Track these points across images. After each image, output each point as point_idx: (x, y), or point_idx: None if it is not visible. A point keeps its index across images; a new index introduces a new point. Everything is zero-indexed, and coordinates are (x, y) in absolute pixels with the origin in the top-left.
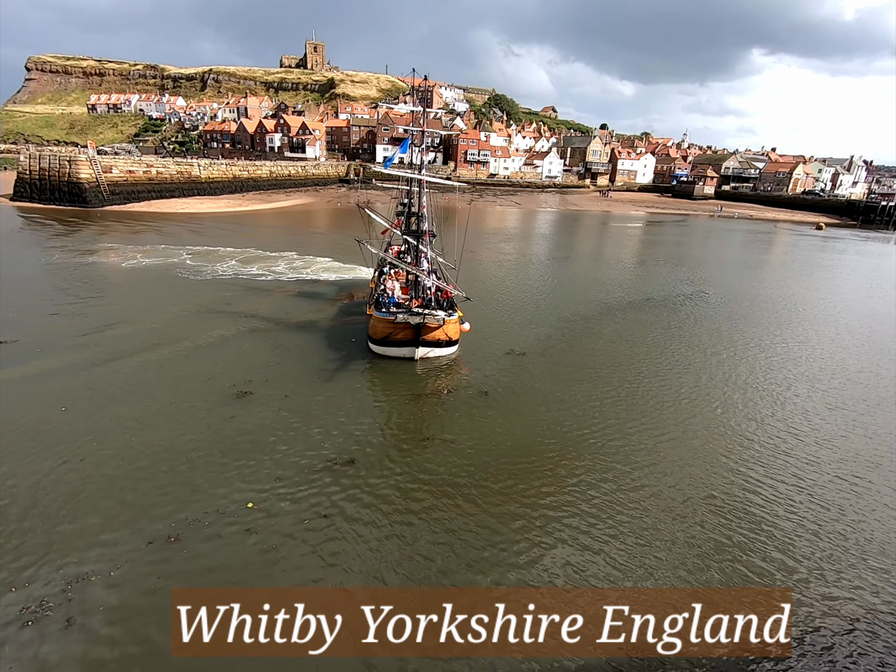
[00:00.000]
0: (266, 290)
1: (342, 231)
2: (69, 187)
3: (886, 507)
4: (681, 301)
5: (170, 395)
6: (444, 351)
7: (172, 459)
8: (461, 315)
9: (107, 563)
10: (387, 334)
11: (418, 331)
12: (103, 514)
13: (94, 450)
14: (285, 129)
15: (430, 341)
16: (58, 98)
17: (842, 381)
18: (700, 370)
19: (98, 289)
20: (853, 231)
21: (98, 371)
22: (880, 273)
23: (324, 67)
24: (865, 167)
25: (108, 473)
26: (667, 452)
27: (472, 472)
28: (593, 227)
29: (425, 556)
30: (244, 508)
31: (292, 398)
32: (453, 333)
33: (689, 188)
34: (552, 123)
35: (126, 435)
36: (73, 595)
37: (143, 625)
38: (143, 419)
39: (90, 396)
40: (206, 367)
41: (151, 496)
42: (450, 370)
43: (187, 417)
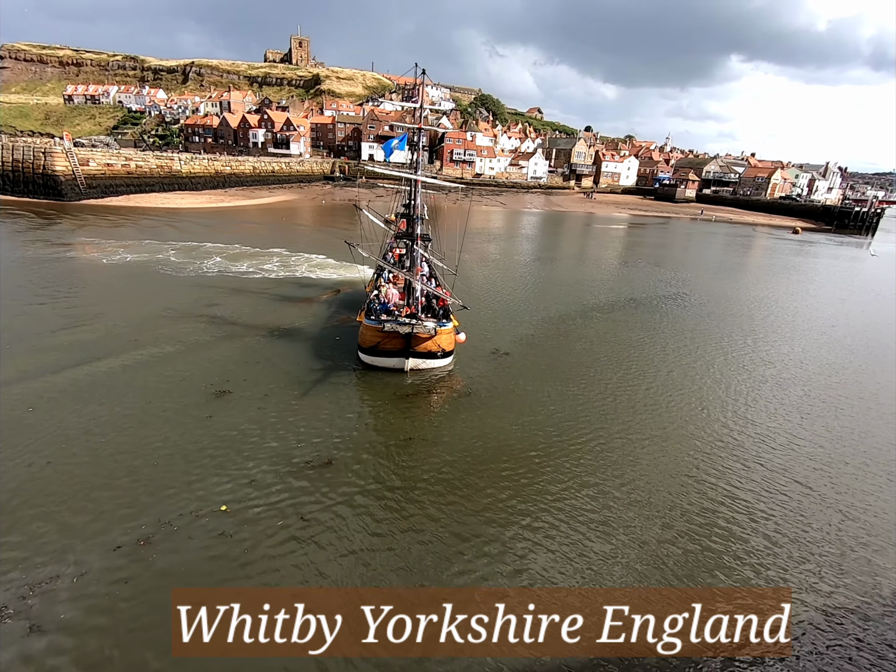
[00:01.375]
0: (250, 289)
1: (329, 228)
2: (44, 179)
3: (885, 506)
4: (661, 302)
5: (144, 395)
6: (438, 363)
7: (145, 461)
8: (457, 324)
9: (73, 567)
10: (375, 343)
11: (408, 341)
12: (71, 517)
13: (62, 452)
14: (269, 125)
15: (422, 352)
16: (32, 88)
17: (842, 378)
18: (681, 368)
19: (72, 285)
20: (828, 235)
21: (68, 373)
22: (853, 276)
23: (309, 63)
24: (840, 173)
25: (77, 476)
26: (661, 451)
27: (456, 471)
28: (577, 229)
29: (403, 555)
30: (218, 511)
31: (272, 398)
32: (447, 344)
33: (671, 191)
34: (538, 124)
35: (96, 436)
36: (33, 602)
37: (101, 630)
38: (114, 421)
39: (58, 398)
40: (183, 368)
41: (122, 499)
42: (434, 372)
43: (160, 418)
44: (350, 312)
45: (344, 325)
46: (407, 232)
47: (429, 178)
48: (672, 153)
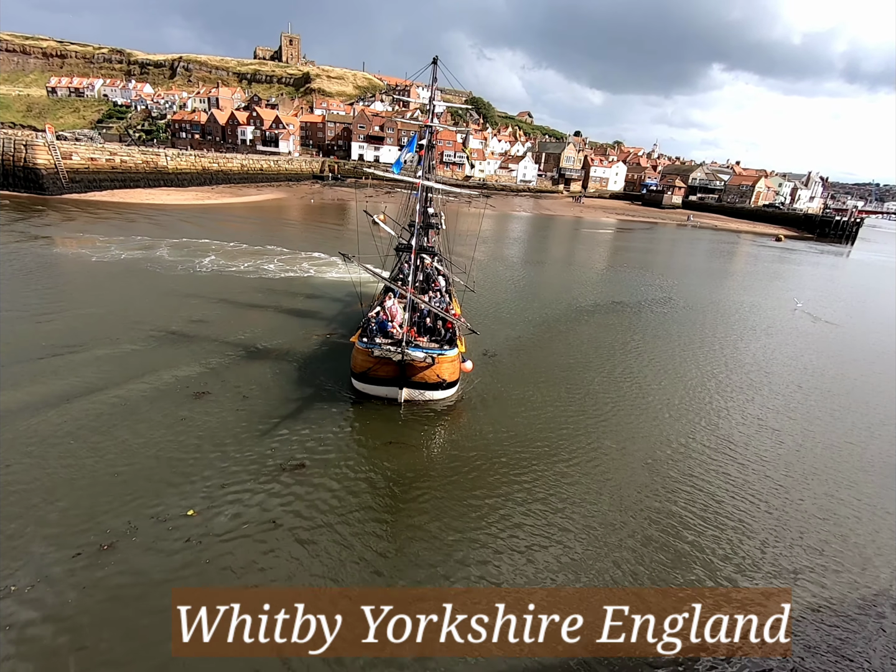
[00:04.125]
0: (241, 289)
1: (320, 226)
2: (24, 173)
3: (887, 505)
4: (647, 305)
5: (114, 393)
6: (438, 394)
7: (112, 462)
8: (462, 350)
9: (29, 575)
10: (366, 369)
11: (403, 368)
12: (28, 522)
13: (24, 454)
14: (258, 122)
15: (418, 382)
16: (14, 79)
17: (851, 380)
18: (667, 368)
19: (56, 281)
20: (809, 243)
21: (36, 364)
22: (833, 283)
23: (299, 61)
24: (822, 183)
25: (37, 477)
26: (655, 454)
27: (445, 473)
28: (566, 232)
29: (400, 555)
30: (184, 516)
31: (250, 400)
32: (449, 374)
33: (658, 197)
34: (528, 128)
35: (64, 436)
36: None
37: (57, 638)
38: (82, 420)
39: (21, 397)
40: (161, 367)
41: (84, 503)
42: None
43: (132, 415)
44: (345, 318)
45: (335, 330)
46: (407, 244)
47: (445, 186)
48: (659, 160)
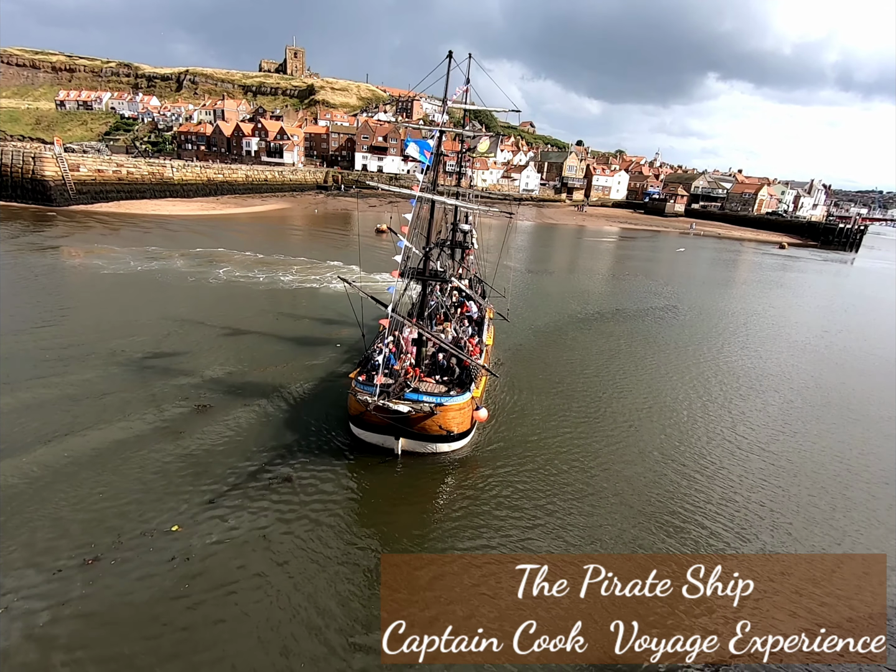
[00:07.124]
0: (252, 298)
1: (326, 235)
2: (32, 184)
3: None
4: (650, 313)
5: (101, 405)
6: (444, 446)
7: (99, 477)
8: (477, 395)
9: (8, 593)
10: (359, 413)
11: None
12: (10, 538)
13: (10, 466)
14: (263, 134)
15: (418, 434)
16: (24, 92)
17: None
18: (672, 376)
19: (59, 295)
20: (813, 251)
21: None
22: (837, 291)
23: (304, 73)
24: (824, 191)
25: (23, 490)
26: (662, 464)
27: (435, 480)
28: (569, 241)
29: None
30: (168, 532)
31: (251, 415)
32: (457, 424)
33: (661, 205)
34: (530, 138)
35: (51, 449)
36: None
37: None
38: (70, 427)
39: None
40: (161, 380)
41: (71, 517)
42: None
43: (127, 432)
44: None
45: (347, 352)
46: (419, 269)
47: (485, 207)
48: (661, 168)
